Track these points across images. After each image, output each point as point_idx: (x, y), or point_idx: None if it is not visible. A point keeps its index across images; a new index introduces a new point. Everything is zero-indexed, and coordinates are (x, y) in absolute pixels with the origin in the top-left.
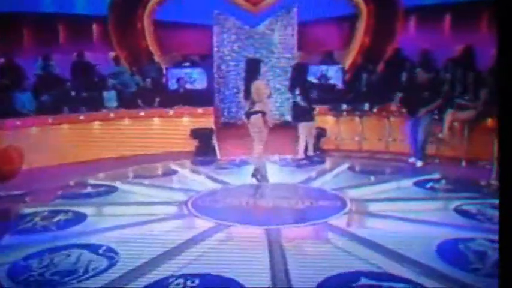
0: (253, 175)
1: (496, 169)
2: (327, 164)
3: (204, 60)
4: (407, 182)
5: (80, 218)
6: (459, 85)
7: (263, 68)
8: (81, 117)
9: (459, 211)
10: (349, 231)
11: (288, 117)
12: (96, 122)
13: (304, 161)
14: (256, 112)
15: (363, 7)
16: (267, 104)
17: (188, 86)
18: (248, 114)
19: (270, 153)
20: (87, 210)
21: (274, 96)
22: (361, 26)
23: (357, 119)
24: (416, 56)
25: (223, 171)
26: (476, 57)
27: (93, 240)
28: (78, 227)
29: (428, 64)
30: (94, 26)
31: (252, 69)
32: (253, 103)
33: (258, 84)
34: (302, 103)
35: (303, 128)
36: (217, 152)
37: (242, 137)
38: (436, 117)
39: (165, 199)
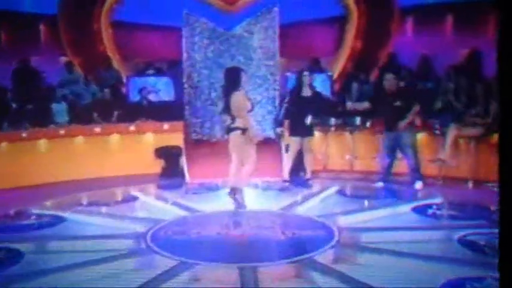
0: (230, 193)
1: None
2: (314, 187)
3: (172, 67)
4: (405, 208)
5: (16, 257)
6: (464, 96)
7: (244, 78)
8: (24, 135)
9: (464, 242)
10: (336, 269)
11: (271, 133)
12: (43, 140)
13: (287, 184)
14: (235, 128)
15: (353, 7)
16: (248, 119)
17: (153, 97)
18: (228, 131)
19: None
20: (24, 247)
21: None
22: (351, 29)
23: (347, 134)
24: (414, 62)
25: (193, 197)
26: (483, 63)
27: (29, 286)
28: (15, 268)
29: (426, 71)
30: (41, 27)
31: (232, 79)
32: (233, 118)
33: (237, 97)
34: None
35: (295, 143)
36: (186, 174)
37: (216, 157)
38: (437, 132)
39: (120, 231)
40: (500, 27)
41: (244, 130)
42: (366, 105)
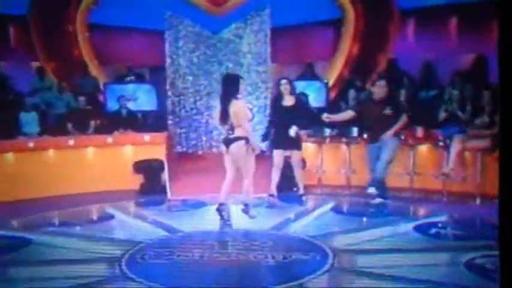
0: (219, 209)
1: None
2: (307, 203)
3: (154, 73)
4: (406, 227)
5: None
6: (469, 105)
7: (242, 86)
8: None
9: (472, 266)
10: None
11: (262, 146)
12: (10, 153)
13: (273, 199)
14: (238, 138)
15: (350, 9)
16: (248, 129)
17: (133, 106)
18: (227, 142)
19: (237, 191)
20: None
21: None
22: (348, 32)
23: (343, 146)
24: (416, 68)
25: (175, 215)
26: (489, 69)
27: None
28: None
29: (429, 78)
30: (10, 29)
31: (230, 86)
32: (232, 128)
33: (238, 105)
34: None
35: (279, 156)
36: (168, 190)
37: (202, 171)
38: (441, 143)
39: (93, 255)
40: (501, 30)
41: (247, 140)
42: (350, 114)
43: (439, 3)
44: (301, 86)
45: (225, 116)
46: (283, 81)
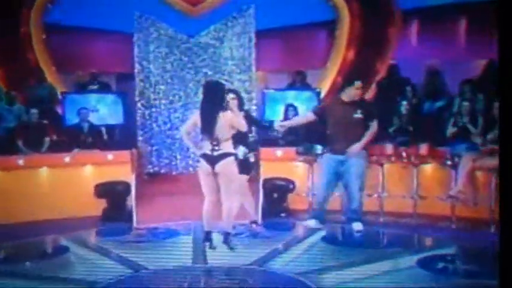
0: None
1: None
2: (296, 232)
3: (122, 82)
4: (409, 260)
5: None
6: (482, 118)
7: (229, 96)
8: None
9: None
10: None
11: None
12: None
13: (259, 227)
14: (226, 155)
15: (345, 9)
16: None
17: (96, 119)
18: (213, 159)
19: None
20: None
21: None
22: (342, 35)
23: None
24: (420, 75)
25: (141, 247)
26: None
27: None
28: None
29: (435, 87)
30: None
31: (214, 95)
32: (217, 143)
33: (232, 118)
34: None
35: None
36: (135, 216)
37: (176, 194)
38: (449, 162)
39: None
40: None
41: (236, 156)
42: (308, 117)
43: (446, 2)
44: (290, 96)
45: (208, 130)
46: (231, 96)
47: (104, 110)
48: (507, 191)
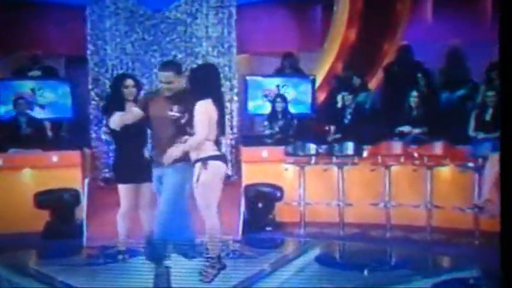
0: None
1: None
2: (284, 250)
3: (71, 66)
4: (424, 285)
5: None
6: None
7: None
8: None
9: None
10: None
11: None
12: None
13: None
14: (214, 157)
15: None
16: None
17: (37, 112)
18: (198, 161)
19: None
20: None
21: None
22: (342, 12)
23: (334, 169)
24: (437, 59)
25: (93, 271)
26: None
27: None
28: None
29: (455, 72)
30: None
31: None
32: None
33: (209, 108)
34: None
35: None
36: (85, 232)
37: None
38: (471, 164)
39: None
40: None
41: (225, 159)
42: (134, 112)
43: None
44: (279, 83)
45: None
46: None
47: (47, 100)
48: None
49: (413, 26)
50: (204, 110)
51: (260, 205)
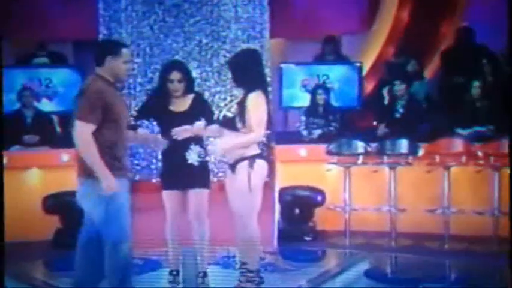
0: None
1: None
2: (325, 263)
3: (81, 53)
4: None
5: None
6: None
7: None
8: None
9: None
10: None
11: None
12: None
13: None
14: (260, 155)
15: None
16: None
17: (44, 104)
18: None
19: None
20: None
21: None
22: None
23: (385, 170)
24: (504, 42)
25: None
26: None
27: None
28: None
29: None
30: None
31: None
32: None
33: (258, 100)
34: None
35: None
36: None
37: (158, 210)
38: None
39: None
40: None
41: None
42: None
43: None
44: (319, 72)
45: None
46: (174, 73)
47: (55, 91)
48: None
49: (475, 4)
50: (260, 104)
51: (297, 211)
